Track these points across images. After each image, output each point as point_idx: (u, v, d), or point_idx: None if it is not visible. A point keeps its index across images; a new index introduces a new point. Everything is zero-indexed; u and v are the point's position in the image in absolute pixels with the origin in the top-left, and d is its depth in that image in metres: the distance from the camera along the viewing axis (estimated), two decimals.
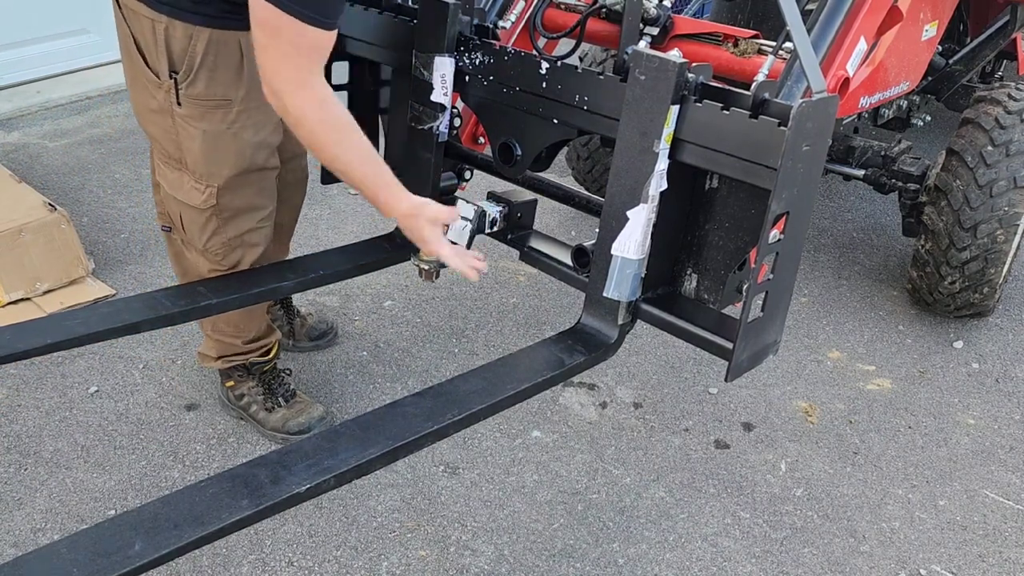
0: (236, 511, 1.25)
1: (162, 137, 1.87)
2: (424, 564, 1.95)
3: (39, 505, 2.03)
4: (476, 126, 2.25)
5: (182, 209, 1.93)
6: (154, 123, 1.86)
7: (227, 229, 1.94)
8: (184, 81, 1.75)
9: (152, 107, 1.83)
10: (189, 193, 1.89)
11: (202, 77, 1.75)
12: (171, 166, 1.90)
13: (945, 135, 4.01)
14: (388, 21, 1.95)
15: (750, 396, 2.54)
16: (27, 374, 2.41)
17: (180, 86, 1.76)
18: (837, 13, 1.86)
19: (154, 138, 1.90)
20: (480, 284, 2.98)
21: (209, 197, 1.88)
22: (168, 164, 1.90)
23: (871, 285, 3.13)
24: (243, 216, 1.95)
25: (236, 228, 1.95)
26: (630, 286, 1.65)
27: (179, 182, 1.90)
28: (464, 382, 1.57)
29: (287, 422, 2.23)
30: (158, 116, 1.83)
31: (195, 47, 1.72)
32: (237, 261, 1.99)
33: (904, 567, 2.03)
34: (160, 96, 1.79)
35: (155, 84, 1.78)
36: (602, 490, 2.19)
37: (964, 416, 2.53)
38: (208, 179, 1.86)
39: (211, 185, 1.86)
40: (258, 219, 1.99)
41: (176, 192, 1.91)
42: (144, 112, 1.87)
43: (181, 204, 1.92)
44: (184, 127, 1.81)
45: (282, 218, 2.20)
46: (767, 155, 1.42)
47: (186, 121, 1.80)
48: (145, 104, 1.85)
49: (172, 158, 1.88)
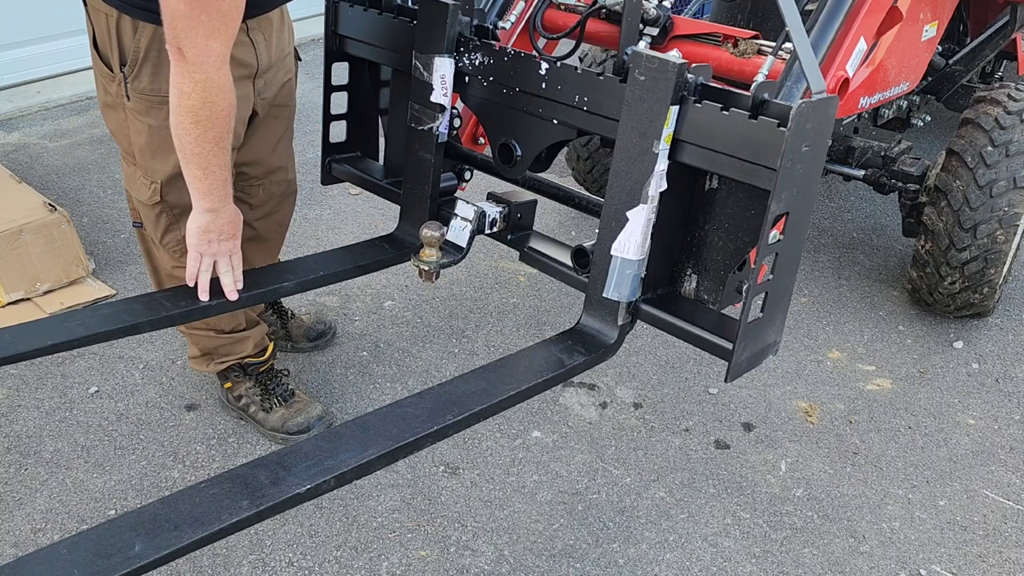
0: (236, 512, 1.25)
1: (117, 131, 1.90)
2: (424, 564, 1.95)
3: (39, 505, 2.03)
4: (476, 127, 2.26)
5: (138, 205, 1.97)
6: (110, 117, 1.90)
7: (180, 226, 1.93)
8: (131, 75, 1.77)
9: (107, 101, 1.87)
10: (140, 188, 1.92)
11: (146, 72, 1.77)
12: (127, 160, 1.94)
13: (945, 135, 4.02)
14: (388, 22, 1.95)
15: (750, 396, 2.54)
16: (27, 374, 2.42)
17: (128, 79, 1.78)
18: (837, 13, 1.86)
19: (112, 133, 1.94)
20: (480, 284, 2.99)
21: (154, 193, 1.89)
22: (125, 159, 1.95)
23: (871, 285, 3.13)
24: None
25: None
26: (630, 286, 1.65)
27: (133, 177, 1.93)
28: (464, 382, 1.57)
29: (286, 422, 2.23)
30: (112, 111, 1.87)
31: (139, 41, 1.74)
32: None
33: (904, 567, 2.03)
34: (113, 89, 1.83)
35: (108, 77, 1.82)
36: (602, 490, 2.19)
37: (964, 416, 2.53)
38: (152, 174, 1.88)
39: (155, 181, 1.88)
40: None
41: (130, 186, 1.95)
42: (103, 107, 1.91)
43: (136, 199, 1.96)
44: (133, 121, 1.84)
45: (267, 231, 2.20)
46: (767, 156, 1.42)
47: (135, 115, 1.83)
48: (103, 99, 1.89)
49: (128, 152, 1.92)
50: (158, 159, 1.85)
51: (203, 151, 1.63)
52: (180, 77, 1.54)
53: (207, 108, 1.57)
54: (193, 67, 1.52)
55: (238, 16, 1.53)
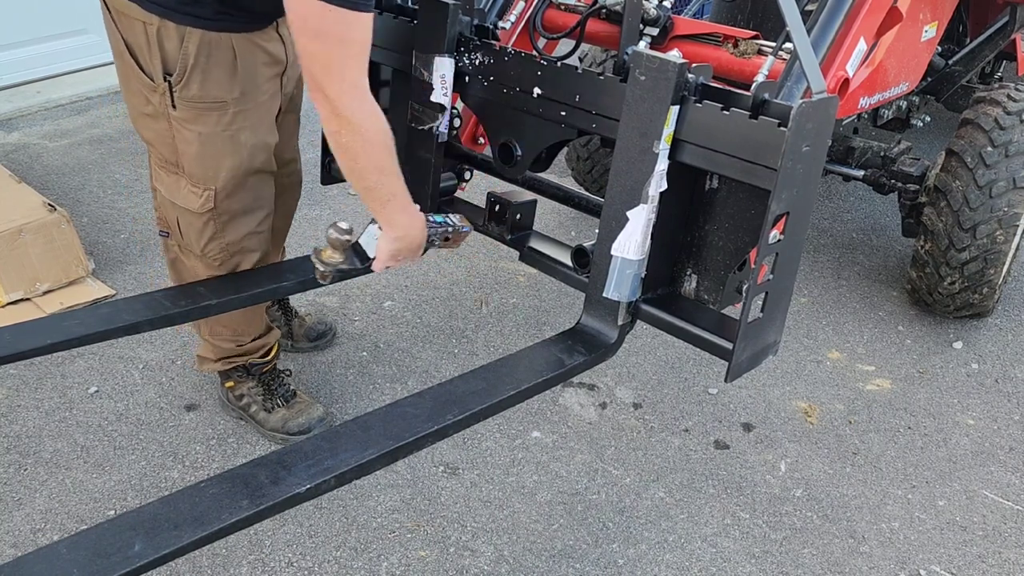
0: (236, 511, 1.25)
1: (158, 141, 1.86)
2: (424, 564, 1.95)
3: (39, 505, 2.03)
4: (476, 126, 2.25)
5: (179, 214, 1.92)
6: (149, 128, 1.85)
7: (226, 234, 1.93)
8: (178, 83, 1.74)
9: (147, 111, 1.82)
10: (187, 197, 1.88)
11: (196, 79, 1.74)
12: (168, 170, 1.89)
13: (945, 135, 4.01)
14: (388, 21, 1.95)
15: (750, 396, 2.54)
16: (27, 374, 2.41)
17: (174, 88, 1.75)
18: (837, 14, 1.86)
19: (150, 143, 1.89)
20: (480, 284, 2.98)
21: (207, 201, 1.87)
22: (165, 168, 1.90)
23: (871, 285, 3.13)
24: (241, 220, 1.94)
25: (235, 232, 1.94)
26: (630, 286, 1.65)
27: (176, 186, 1.89)
28: (464, 382, 1.57)
29: (287, 422, 2.23)
30: (153, 120, 1.82)
31: (187, 48, 1.71)
32: (235, 267, 1.99)
33: (904, 567, 2.03)
34: (155, 99, 1.78)
35: (150, 87, 1.77)
36: (602, 490, 2.19)
37: (964, 416, 2.53)
38: (205, 182, 1.85)
39: (209, 188, 1.86)
40: (256, 223, 1.98)
41: (173, 197, 1.90)
42: (139, 117, 1.86)
43: (179, 209, 1.91)
44: (180, 130, 1.80)
45: (277, 222, 2.20)
46: (767, 155, 1.42)
47: (182, 124, 1.79)
48: (140, 109, 1.84)
49: (168, 162, 1.87)
50: (211, 167, 1.83)
51: (371, 184, 1.63)
52: (327, 118, 1.54)
53: (359, 141, 1.55)
54: (336, 104, 1.51)
55: (368, 39, 1.51)
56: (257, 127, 1.86)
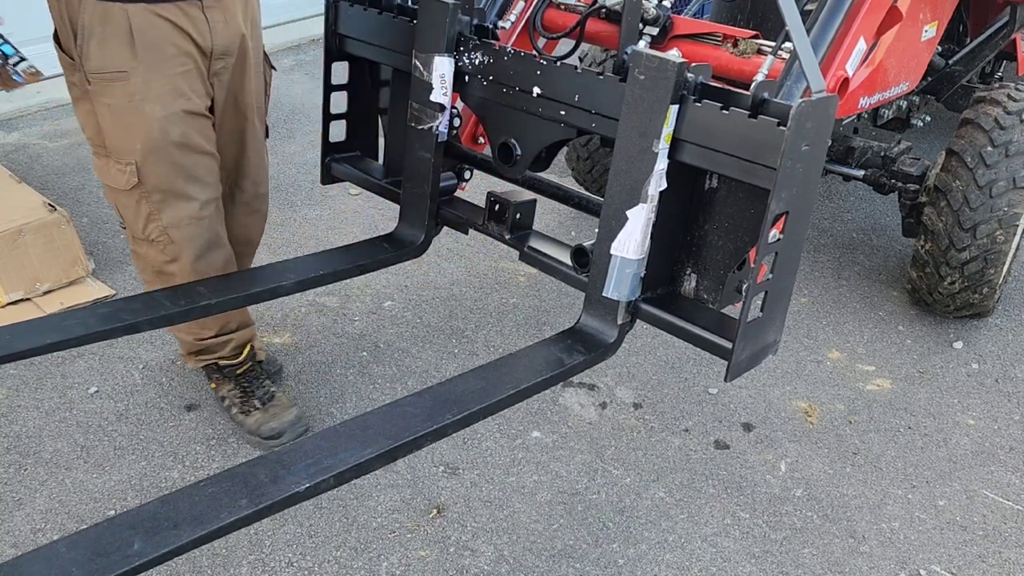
0: (235, 511, 1.25)
1: (87, 124, 1.90)
2: (424, 564, 1.95)
3: (39, 505, 2.03)
4: (476, 126, 2.26)
5: (116, 197, 1.95)
6: (80, 111, 1.90)
7: (162, 215, 1.93)
8: (82, 56, 1.77)
9: (75, 95, 1.87)
10: (115, 176, 1.90)
11: (94, 48, 1.76)
12: (99, 154, 1.93)
13: (945, 135, 4.01)
14: (388, 21, 1.95)
15: (750, 396, 2.54)
16: (27, 374, 2.42)
17: (83, 63, 1.78)
18: (837, 13, 1.86)
19: (83, 128, 1.93)
20: (480, 284, 2.98)
21: (131, 176, 1.88)
22: (97, 153, 1.93)
23: (871, 285, 3.13)
24: (176, 202, 1.93)
25: (171, 214, 1.94)
26: (629, 286, 1.65)
27: (107, 168, 1.92)
28: (464, 382, 1.57)
29: (260, 426, 2.22)
30: (80, 104, 1.87)
31: (83, 19, 1.74)
32: (182, 253, 1.98)
33: (904, 567, 2.03)
34: (77, 79, 1.83)
35: (71, 67, 1.82)
36: (602, 490, 2.18)
37: (964, 416, 2.52)
38: (123, 156, 1.87)
39: (129, 163, 1.87)
40: (197, 207, 1.96)
41: (105, 178, 1.94)
42: (74, 103, 1.90)
43: (114, 191, 1.94)
44: (98, 106, 1.84)
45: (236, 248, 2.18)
46: (766, 155, 1.42)
47: (97, 100, 1.83)
48: (72, 94, 1.88)
49: (97, 144, 1.91)
50: (125, 139, 1.84)
51: None
52: None
53: None
54: None
55: None
56: (165, 99, 1.84)
